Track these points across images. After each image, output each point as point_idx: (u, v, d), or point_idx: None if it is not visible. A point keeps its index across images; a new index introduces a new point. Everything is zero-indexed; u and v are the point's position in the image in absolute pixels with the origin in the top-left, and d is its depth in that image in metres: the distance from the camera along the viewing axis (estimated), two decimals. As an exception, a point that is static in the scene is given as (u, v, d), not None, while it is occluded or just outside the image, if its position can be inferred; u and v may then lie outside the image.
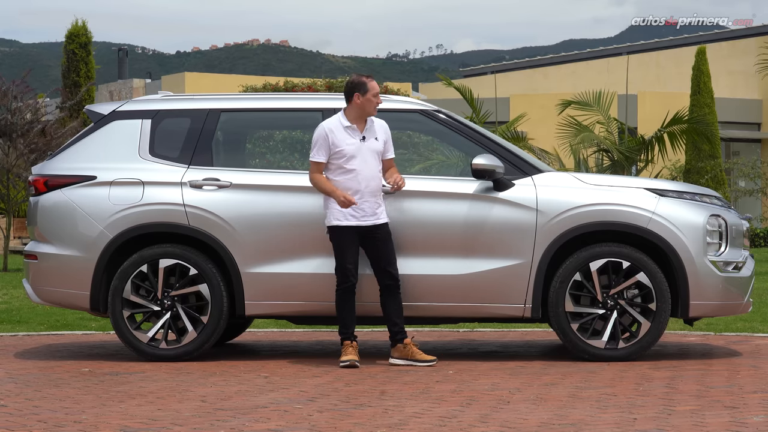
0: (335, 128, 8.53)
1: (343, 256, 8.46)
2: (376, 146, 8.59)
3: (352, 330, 8.54)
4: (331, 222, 8.48)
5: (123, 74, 45.28)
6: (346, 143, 8.50)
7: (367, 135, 8.59)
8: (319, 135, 8.52)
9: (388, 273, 8.51)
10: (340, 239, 8.47)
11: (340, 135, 8.52)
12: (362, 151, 8.53)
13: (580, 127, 20.16)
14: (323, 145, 8.50)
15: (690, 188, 8.99)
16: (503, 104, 32.77)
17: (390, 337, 8.62)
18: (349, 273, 8.47)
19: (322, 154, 8.50)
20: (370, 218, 8.49)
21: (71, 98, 25.00)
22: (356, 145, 8.52)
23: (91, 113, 9.41)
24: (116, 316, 8.87)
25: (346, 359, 8.42)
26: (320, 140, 8.51)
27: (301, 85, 25.12)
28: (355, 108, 8.57)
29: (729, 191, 28.80)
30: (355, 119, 8.57)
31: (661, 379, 7.77)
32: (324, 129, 8.53)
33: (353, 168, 8.49)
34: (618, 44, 51.71)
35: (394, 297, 8.54)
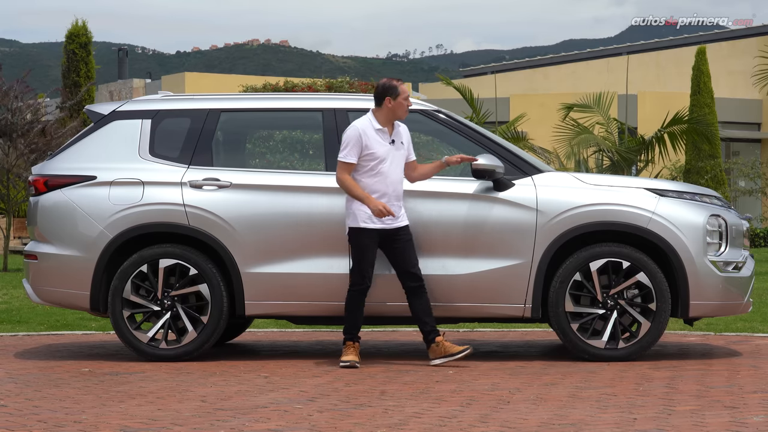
0: (367, 129, 8.51)
1: (364, 258, 8.44)
2: (403, 150, 8.60)
3: (357, 332, 8.54)
4: (358, 224, 8.46)
5: (123, 74, 45.29)
6: (378, 145, 8.48)
7: (396, 139, 8.59)
8: (352, 135, 8.48)
9: (413, 275, 8.48)
10: (362, 241, 8.44)
11: (373, 137, 8.50)
12: (392, 154, 8.52)
13: (579, 128, 20.17)
14: (356, 145, 8.46)
15: (690, 188, 8.99)
16: (503, 104, 32.76)
17: (423, 338, 8.60)
18: (367, 275, 8.45)
19: (353, 155, 8.46)
20: (394, 221, 8.48)
21: (71, 98, 25.00)
22: (387, 148, 8.51)
23: (91, 113, 9.41)
24: (116, 316, 8.87)
25: (346, 360, 8.42)
26: (353, 141, 8.47)
27: (301, 85, 25.12)
28: (385, 111, 8.56)
29: (729, 191, 28.80)
30: (384, 122, 8.56)
31: (661, 379, 7.78)
32: (358, 130, 8.49)
33: (383, 171, 8.47)
34: (618, 44, 51.72)
35: (420, 297, 8.52)
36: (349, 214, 8.48)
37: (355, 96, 9.31)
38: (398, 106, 8.55)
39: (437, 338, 8.52)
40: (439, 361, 8.48)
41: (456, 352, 8.46)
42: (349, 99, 9.23)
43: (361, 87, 25.03)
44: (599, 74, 41.12)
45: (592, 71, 42.68)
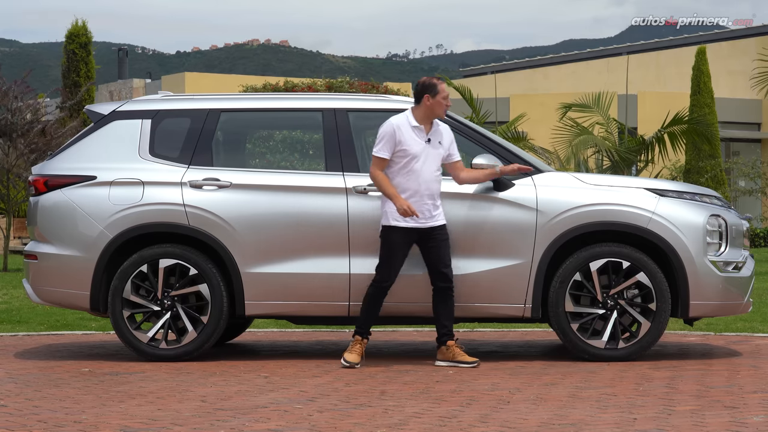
0: (403, 126, 8.49)
1: (393, 256, 8.43)
2: (440, 150, 8.57)
3: (369, 328, 8.53)
4: (389, 222, 8.44)
5: (123, 74, 45.29)
6: (413, 143, 8.47)
7: (433, 138, 8.56)
8: (386, 131, 8.47)
9: (444, 275, 8.48)
10: (394, 240, 8.43)
11: (408, 133, 8.49)
12: (426, 152, 8.50)
13: (579, 129, 20.17)
14: (389, 141, 8.44)
15: (690, 188, 8.99)
16: (503, 104, 32.77)
17: (436, 339, 8.60)
18: (393, 274, 8.44)
19: (387, 150, 8.44)
20: (429, 221, 8.46)
21: (71, 98, 24.99)
22: (422, 146, 8.49)
23: (91, 113, 9.41)
24: (116, 316, 8.87)
25: (348, 360, 8.40)
26: (387, 136, 8.45)
27: (301, 85, 25.12)
28: (423, 109, 8.55)
29: (729, 191, 28.80)
30: (422, 120, 8.54)
31: (661, 379, 7.78)
32: (392, 125, 8.48)
33: (415, 168, 8.45)
34: (618, 44, 51.72)
35: (447, 300, 8.52)
36: (385, 211, 8.47)
37: (355, 96, 9.31)
38: (436, 105, 8.54)
39: (449, 342, 8.52)
40: (444, 364, 8.48)
41: (464, 361, 8.45)
42: (349, 99, 9.23)
43: (361, 87, 25.03)
44: (599, 74, 41.12)
45: (592, 71, 42.68)
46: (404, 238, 8.43)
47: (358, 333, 8.53)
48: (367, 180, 8.80)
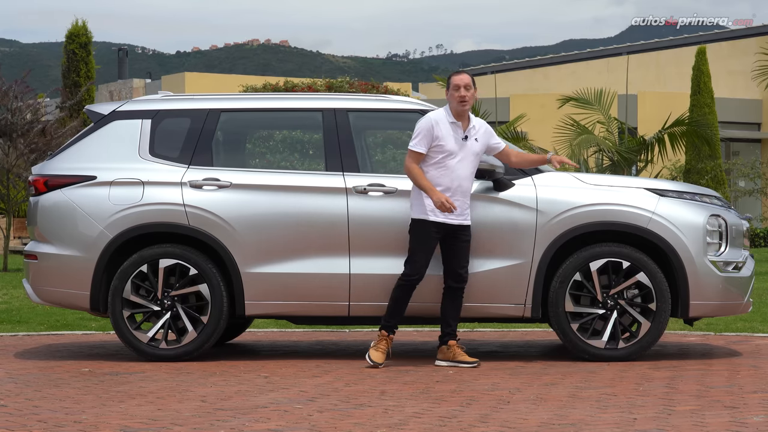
0: (441, 121, 8.46)
1: (421, 250, 8.40)
2: (476, 147, 8.52)
3: (396, 324, 8.50)
4: (418, 215, 8.43)
5: (123, 74, 45.31)
6: (450, 138, 8.44)
7: (470, 135, 8.54)
8: (424, 125, 8.44)
9: (460, 276, 8.47)
10: (423, 234, 8.40)
11: (445, 129, 8.46)
12: (463, 149, 8.47)
13: (580, 128, 20.16)
14: (427, 135, 8.41)
15: (690, 188, 8.99)
16: (503, 104, 32.78)
17: (439, 338, 8.60)
18: (420, 269, 8.41)
19: (423, 145, 8.41)
20: (458, 218, 8.44)
21: (71, 98, 24.99)
22: (459, 143, 8.47)
23: (91, 113, 9.41)
24: (116, 316, 8.87)
25: (374, 360, 8.38)
26: (424, 131, 8.42)
27: (301, 85, 25.12)
28: (449, 103, 8.57)
29: (729, 191, 28.80)
30: (455, 116, 8.52)
31: (661, 379, 7.77)
32: (431, 120, 8.45)
33: (451, 165, 8.43)
34: (618, 44, 51.70)
35: (456, 300, 8.51)
36: (414, 204, 8.44)
37: (355, 96, 9.31)
38: (450, 98, 8.54)
39: (450, 342, 8.51)
40: (445, 363, 8.48)
41: (464, 361, 8.45)
42: (349, 99, 9.23)
43: (361, 87, 25.03)
44: (599, 74, 41.11)
45: (592, 71, 42.68)
46: (435, 232, 8.40)
47: (384, 328, 8.49)
48: (368, 180, 8.80)
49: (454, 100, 8.48)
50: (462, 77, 8.54)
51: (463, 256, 8.48)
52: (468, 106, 8.49)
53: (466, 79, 8.52)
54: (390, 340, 8.49)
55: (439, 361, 8.52)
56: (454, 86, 8.49)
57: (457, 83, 8.48)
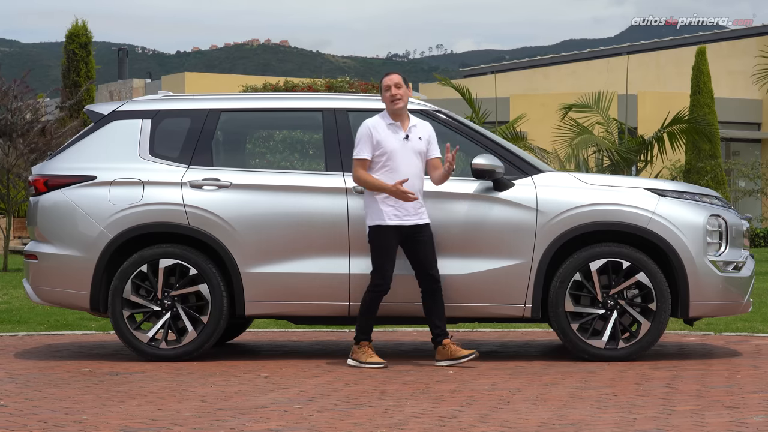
0: (378, 125, 8.49)
1: (384, 257, 8.40)
2: (419, 146, 8.53)
3: (371, 332, 8.53)
4: (373, 221, 8.44)
5: (123, 74, 45.30)
6: (390, 140, 8.46)
7: (411, 133, 8.55)
8: (362, 132, 8.46)
9: (431, 276, 8.47)
10: (383, 240, 8.41)
11: (384, 132, 8.47)
12: (406, 148, 8.49)
13: (579, 129, 20.17)
14: (367, 141, 8.43)
15: (690, 188, 8.99)
16: (503, 104, 32.77)
17: (432, 339, 8.59)
18: (387, 276, 8.41)
19: (366, 151, 8.43)
20: (413, 218, 8.44)
21: (71, 98, 24.99)
22: (401, 143, 8.49)
23: (91, 113, 9.41)
24: (116, 316, 8.86)
25: (375, 361, 8.39)
26: (364, 137, 8.44)
27: (301, 85, 25.12)
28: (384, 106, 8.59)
29: (729, 191, 28.80)
30: (392, 117, 8.53)
31: (661, 379, 7.77)
32: (367, 126, 8.47)
33: (397, 166, 8.43)
34: (618, 44, 51.72)
35: (437, 299, 8.50)
36: (369, 212, 8.45)
37: (355, 96, 9.31)
38: (384, 100, 8.58)
39: (444, 341, 8.51)
40: (445, 363, 8.48)
41: (462, 356, 8.44)
42: (349, 99, 9.23)
43: (361, 87, 25.03)
44: (599, 74, 41.12)
45: (592, 71, 42.68)
46: (392, 237, 8.40)
47: (365, 339, 8.50)
48: (367, 180, 8.79)
49: (387, 101, 8.52)
50: (391, 77, 8.58)
51: (430, 255, 8.48)
52: (401, 103, 8.51)
53: (395, 78, 8.54)
54: (371, 345, 8.52)
55: (439, 361, 8.52)
56: (385, 87, 8.53)
57: (387, 83, 8.52)
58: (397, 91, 8.47)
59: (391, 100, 8.48)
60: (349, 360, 8.52)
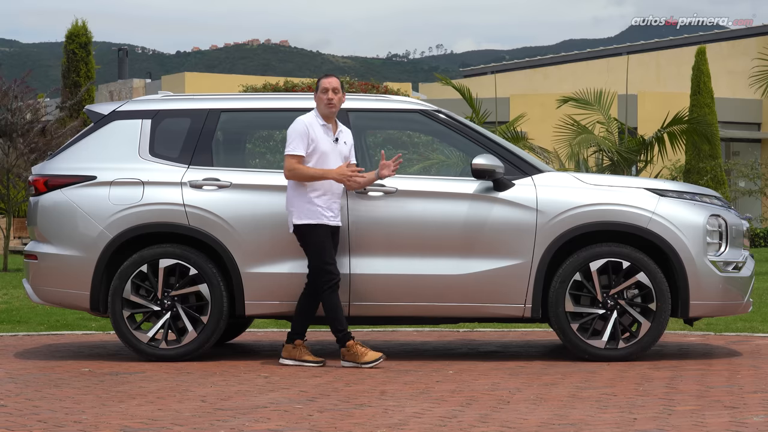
0: (313, 123, 8.55)
1: (323, 254, 8.45)
2: (345, 150, 8.63)
3: (346, 327, 8.52)
4: (304, 220, 8.46)
5: (123, 74, 45.30)
6: (324, 140, 8.52)
7: (339, 137, 8.62)
8: (298, 128, 8.51)
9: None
10: (317, 237, 8.45)
11: (318, 131, 8.54)
12: (335, 151, 8.56)
13: (579, 128, 20.16)
14: (303, 137, 8.48)
15: (690, 188, 8.99)
16: (503, 104, 32.77)
17: (288, 334, 8.66)
18: (333, 270, 8.46)
19: (301, 147, 8.47)
20: (336, 219, 8.54)
21: (71, 98, 24.99)
22: (331, 145, 8.55)
23: (91, 113, 9.41)
24: (116, 316, 8.86)
25: (373, 358, 8.40)
26: (299, 133, 8.50)
27: (301, 85, 25.12)
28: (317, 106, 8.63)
29: (729, 191, 28.80)
30: (324, 118, 8.59)
31: (661, 379, 7.78)
32: (304, 123, 8.52)
33: (327, 167, 8.49)
34: (618, 44, 51.73)
35: (315, 302, 8.57)
36: (297, 211, 8.47)
37: (355, 96, 9.31)
38: (318, 100, 8.62)
39: (297, 341, 8.62)
40: (290, 362, 8.56)
41: (308, 360, 8.54)
42: (349, 99, 9.22)
43: (361, 87, 25.03)
44: (599, 74, 41.12)
45: (592, 71, 42.68)
46: (325, 233, 8.47)
47: (344, 339, 8.50)
48: (367, 180, 8.80)
49: (322, 103, 8.56)
50: (330, 80, 8.61)
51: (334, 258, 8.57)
52: (335, 109, 8.58)
53: (334, 83, 8.58)
54: (358, 341, 8.55)
55: (284, 359, 8.60)
56: (322, 89, 8.56)
57: (326, 86, 8.56)
58: (334, 96, 8.55)
59: (327, 103, 8.55)
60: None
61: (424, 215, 8.73)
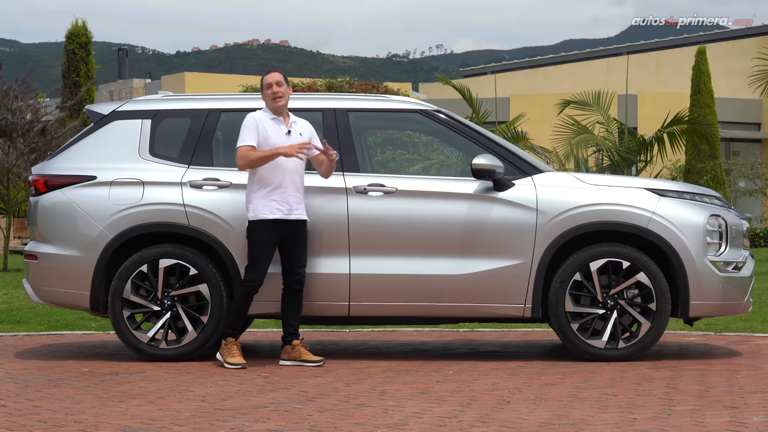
0: (263, 118, 8.60)
1: (262, 252, 8.47)
2: (301, 142, 8.61)
3: (240, 327, 8.62)
4: (255, 216, 8.47)
5: (123, 74, 45.30)
6: (274, 133, 8.56)
7: (293, 129, 8.63)
8: (248, 123, 8.56)
9: (298, 276, 8.55)
10: (260, 235, 8.47)
11: (269, 125, 8.58)
12: (290, 143, 8.55)
13: (579, 128, 20.16)
14: (253, 131, 8.53)
15: (690, 188, 8.99)
16: (503, 104, 32.77)
17: (282, 338, 8.65)
18: (262, 272, 8.49)
19: (252, 138, 8.50)
20: (294, 213, 8.52)
21: (71, 98, 24.99)
22: (284, 138, 8.57)
23: (91, 113, 9.41)
24: (116, 316, 8.86)
25: (236, 362, 8.43)
26: (249, 126, 8.55)
27: (301, 85, 25.12)
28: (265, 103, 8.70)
29: (729, 191, 28.80)
30: (273, 112, 8.64)
31: (661, 379, 7.78)
32: (254, 118, 8.59)
33: (280, 160, 8.50)
34: (618, 44, 51.72)
35: (296, 301, 8.58)
36: (250, 207, 8.51)
37: (355, 96, 9.31)
38: (265, 98, 8.67)
39: (294, 341, 8.59)
40: (289, 363, 8.54)
41: (309, 360, 8.53)
42: (349, 99, 9.23)
43: (361, 87, 25.04)
44: (599, 74, 41.12)
45: (592, 71, 42.69)
46: (271, 232, 8.46)
47: (231, 335, 8.54)
48: (368, 180, 8.81)
49: (268, 99, 8.62)
50: (272, 75, 8.68)
51: (302, 254, 8.56)
52: (282, 101, 8.61)
53: (276, 77, 8.65)
54: (238, 343, 8.57)
55: (284, 360, 8.58)
56: (266, 85, 8.62)
57: (269, 82, 8.62)
58: (279, 89, 8.59)
59: (273, 97, 8.59)
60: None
61: (424, 215, 8.73)
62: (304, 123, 8.74)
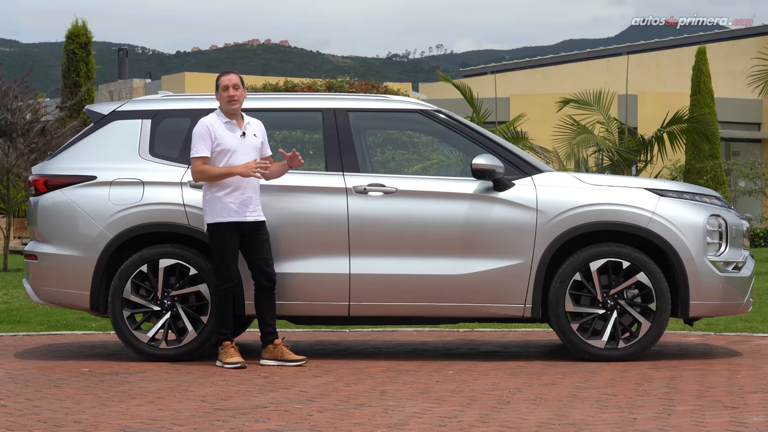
0: (215, 123, 8.58)
1: (227, 255, 8.48)
2: (256, 142, 8.64)
3: (230, 330, 8.59)
4: (214, 219, 8.49)
5: (123, 74, 45.29)
6: (228, 137, 8.54)
7: (248, 131, 8.63)
8: (199, 130, 8.54)
9: (268, 274, 8.55)
10: (224, 238, 8.48)
11: (221, 129, 8.57)
12: (244, 145, 8.57)
13: (579, 128, 20.16)
14: (205, 139, 8.51)
15: (690, 188, 8.99)
16: (503, 104, 32.77)
17: (261, 338, 8.66)
18: (233, 273, 8.52)
19: (205, 149, 8.49)
20: (253, 214, 8.54)
21: (71, 98, 24.98)
22: (238, 140, 8.57)
23: (91, 113, 9.41)
24: (116, 316, 8.87)
25: (234, 361, 8.44)
26: (201, 135, 8.53)
27: (301, 85, 25.11)
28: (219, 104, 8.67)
29: (729, 191, 28.80)
30: (227, 115, 8.62)
31: (661, 379, 7.78)
32: (204, 124, 8.56)
33: (236, 163, 8.50)
34: (618, 44, 51.72)
35: (270, 299, 8.59)
36: (208, 210, 8.52)
37: (355, 96, 9.31)
38: (220, 99, 8.65)
39: (276, 341, 8.58)
40: (271, 363, 8.53)
41: (291, 359, 8.53)
42: (349, 99, 9.23)
43: (361, 87, 25.03)
44: (599, 74, 41.12)
45: (592, 71, 42.69)
46: (232, 233, 8.47)
47: (224, 339, 8.55)
48: (368, 180, 8.81)
49: (223, 101, 8.60)
50: (230, 77, 8.65)
51: (267, 253, 8.57)
52: (237, 104, 8.60)
53: (234, 79, 8.63)
54: (235, 346, 8.59)
55: (265, 360, 8.58)
56: (222, 87, 8.60)
57: (226, 83, 8.59)
58: (235, 92, 8.58)
59: (228, 100, 8.58)
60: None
61: (424, 215, 8.72)
62: (257, 123, 8.75)
